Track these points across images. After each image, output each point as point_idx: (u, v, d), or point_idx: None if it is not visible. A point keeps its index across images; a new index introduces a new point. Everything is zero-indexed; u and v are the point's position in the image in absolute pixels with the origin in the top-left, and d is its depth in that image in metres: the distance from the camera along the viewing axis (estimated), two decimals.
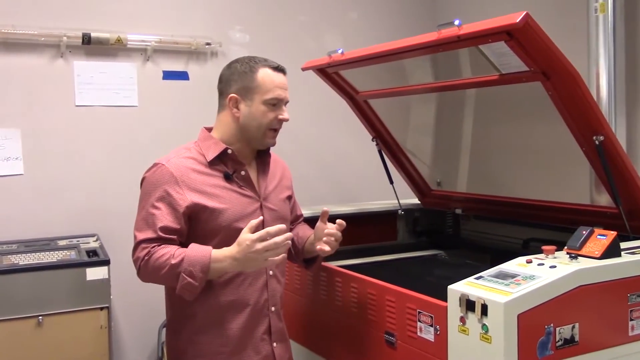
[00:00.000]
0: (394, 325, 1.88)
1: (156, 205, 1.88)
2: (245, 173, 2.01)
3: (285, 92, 2.01)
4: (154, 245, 1.86)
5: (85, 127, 3.38)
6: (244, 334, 1.97)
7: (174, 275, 1.82)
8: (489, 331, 1.53)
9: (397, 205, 3.00)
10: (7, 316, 2.71)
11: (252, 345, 1.98)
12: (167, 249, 1.85)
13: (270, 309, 2.02)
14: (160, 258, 1.83)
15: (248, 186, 2.00)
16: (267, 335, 2.01)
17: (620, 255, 1.73)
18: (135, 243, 1.90)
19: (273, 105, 1.98)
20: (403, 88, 2.53)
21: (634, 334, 1.72)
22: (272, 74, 1.98)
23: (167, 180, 1.90)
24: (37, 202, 3.27)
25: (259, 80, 1.96)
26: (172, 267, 1.81)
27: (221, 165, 1.98)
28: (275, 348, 2.03)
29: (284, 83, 2.01)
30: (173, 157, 1.96)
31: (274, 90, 1.97)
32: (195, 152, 1.98)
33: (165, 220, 1.87)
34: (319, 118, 3.88)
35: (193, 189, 1.91)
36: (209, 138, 2.01)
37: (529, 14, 1.72)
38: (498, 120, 2.45)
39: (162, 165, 1.93)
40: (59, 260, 2.86)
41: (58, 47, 3.29)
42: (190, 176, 1.92)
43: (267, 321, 2.01)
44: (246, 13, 3.77)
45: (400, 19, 4.15)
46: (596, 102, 2.03)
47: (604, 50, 2.78)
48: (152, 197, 1.90)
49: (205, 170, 1.95)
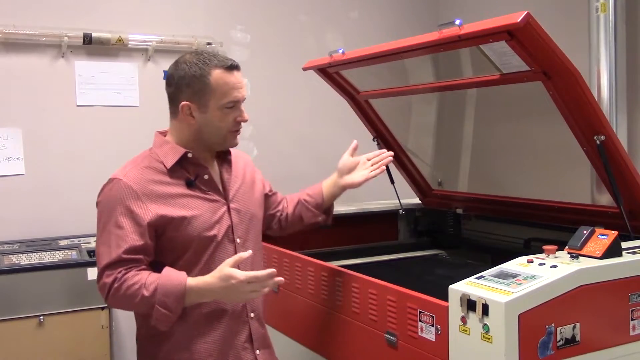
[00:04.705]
0: (395, 325, 1.88)
1: (118, 224, 1.75)
2: (208, 177, 1.88)
3: (241, 92, 1.85)
4: (121, 270, 1.73)
5: (86, 127, 3.38)
6: (224, 345, 1.87)
7: (148, 305, 1.71)
8: (490, 331, 1.53)
9: (398, 205, 2.99)
10: (8, 316, 2.72)
11: (234, 356, 1.88)
12: (138, 276, 1.72)
13: (250, 315, 1.92)
14: (131, 287, 1.71)
15: (212, 190, 1.89)
16: (248, 344, 1.91)
17: (622, 255, 1.73)
18: (100, 270, 1.76)
19: (230, 108, 1.83)
20: (404, 88, 2.53)
21: (635, 334, 1.72)
22: (226, 76, 1.81)
23: (127, 196, 1.76)
24: (38, 202, 3.27)
25: (212, 85, 1.79)
26: (144, 298, 1.70)
27: (182, 172, 1.85)
28: (259, 355, 1.94)
29: (239, 82, 1.84)
30: (129, 169, 1.83)
31: (230, 93, 1.81)
32: (153, 160, 1.85)
33: (129, 239, 1.73)
34: (319, 118, 3.88)
35: (155, 201, 1.78)
36: (165, 143, 1.88)
37: (530, 14, 1.72)
38: (499, 120, 2.45)
39: (119, 179, 1.79)
40: (60, 260, 2.87)
41: (59, 47, 3.29)
42: (150, 188, 1.79)
43: (247, 328, 1.91)
44: (247, 13, 3.77)
45: (401, 19, 4.15)
46: (597, 102, 2.03)
47: (604, 49, 2.78)
48: (113, 216, 1.76)
49: (165, 180, 1.82)
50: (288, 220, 2.21)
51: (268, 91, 3.77)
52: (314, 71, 2.68)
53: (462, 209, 2.85)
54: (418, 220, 3.12)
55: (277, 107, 3.82)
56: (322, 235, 2.83)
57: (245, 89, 1.88)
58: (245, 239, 1.94)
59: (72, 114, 3.35)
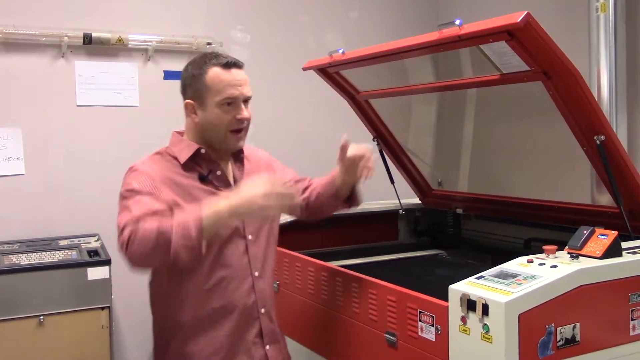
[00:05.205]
0: (395, 325, 1.88)
1: (138, 198, 1.77)
2: (220, 173, 1.92)
3: (239, 89, 1.86)
4: (140, 222, 1.69)
5: (87, 127, 3.38)
6: (235, 340, 1.90)
7: (165, 242, 1.64)
8: (490, 331, 1.53)
9: (398, 204, 3.00)
10: (8, 316, 2.71)
11: (244, 350, 1.92)
12: (154, 221, 1.69)
13: (260, 311, 1.96)
14: (148, 228, 1.66)
15: (224, 185, 1.92)
16: (259, 339, 1.95)
17: (622, 255, 1.73)
18: (120, 229, 1.72)
19: (228, 105, 1.85)
20: (404, 88, 2.53)
21: (635, 334, 1.72)
22: (222, 73, 1.85)
23: (146, 181, 1.82)
24: (38, 202, 3.27)
25: (208, 83, 1.85)
26: (161, 234, 1.65)
27: (195, 167, 1.90)
28: (268, 351, 1.98)
29: (236, 80, 1.86)
30: (147, 161, 1.91)
31: (225, 90, 1.84)
32: (167, 156, 1.92)
33: (150, 204, 1.74)
34: (319, 118, 3.88)
35: (172, 188, 1.83)
36: (181, 141, 1.94)
37: (530, 14, 1.72)
38: (499, 120, 2.45)
39: (137, 168, 1.87)
40: (60, 260, 2.86)
41: (59, 47, 3.29)
42: (167, 175, 1.85)
43: (257, 324, 1.95)
44: (247, 13, 3.77)
45: (401, 19, 4.15)
46: (597, 102, 2.03)
47: (605, 49, 2.78)
48: (133, 196, 1.78)
49: (180, 172, 1.88)
50: (309, 208, 2.14)
51: (268, 91, 3.77)
52: (314, 71, 2.68)
53: (462, 209, 2.85)
54: (418, 220, 3.12)
55: (277, 107, 3.82)
56: (322, 235, 2.84)
57: (245, 87, 1.89)
58: (258, 234, 1.96)
59: (72, 114, 3.35)
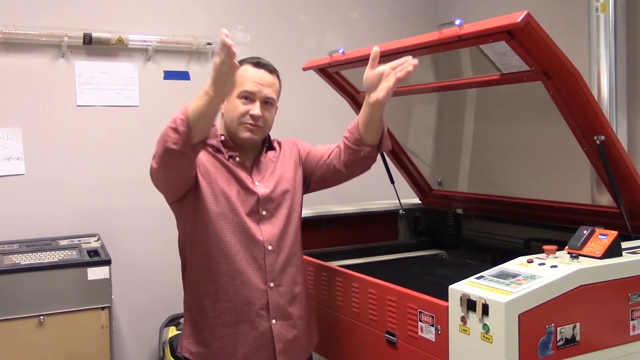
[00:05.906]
0: (395, 325, 1.88)
1: None
2: (240, 159, 2.02)
3: (259, 87, 1.97)
4: None
5: (87, 127, 3.38)
6: (237, 307, 1.94)
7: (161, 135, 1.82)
8: (490, 331, 1.53)
9: (398, 205, 2.99)
10: (9, 316, 2.72)
11: (247, 321, 1.94)
12: None
13: (269, 285, 1.96)
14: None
15: (243, 170, 2.02)
16: (265, 312, 1.95)
17: (622, 255, 1.73)
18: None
19: (245, 98, 1.97)
20: (404, 88, 2.52)
21: (635, 334, 1.72)
22: (250, 69, 1.99)
23: None
24: (38, 202, 3.27)
25: (237, 76, 1.87)
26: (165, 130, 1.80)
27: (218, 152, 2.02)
28: (274, 325, 1.96)
29: (261, 79, 1.99)
30: None
31: (246, 83, 1.96)
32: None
33: None
34: (319, 118, 3.88)
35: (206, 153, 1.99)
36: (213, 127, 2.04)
37: (530, 14, 1.72)
38: (499, 120, 2.45)
39: None
40: (60, 260, 2.87)
41: (59, 47, 3.29)
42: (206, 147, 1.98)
43: (264, 297, 1.95)
44: (247, 13, 3.77)
45: (401, 19, 4.15)
46: (597, 102, 2.03)
47: (604, 49, 2.78)
48: None
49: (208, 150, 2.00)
50: (338, 168, 2.15)
51: None
52: (314, 71, 2.68)
53: (462, 209, 2.85)
54: (418, 220, 3.12)
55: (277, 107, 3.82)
56: (322, 235, 2.84)
57: (267, 89, 1.99)
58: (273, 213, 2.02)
59: (72, 114, 3.35)
